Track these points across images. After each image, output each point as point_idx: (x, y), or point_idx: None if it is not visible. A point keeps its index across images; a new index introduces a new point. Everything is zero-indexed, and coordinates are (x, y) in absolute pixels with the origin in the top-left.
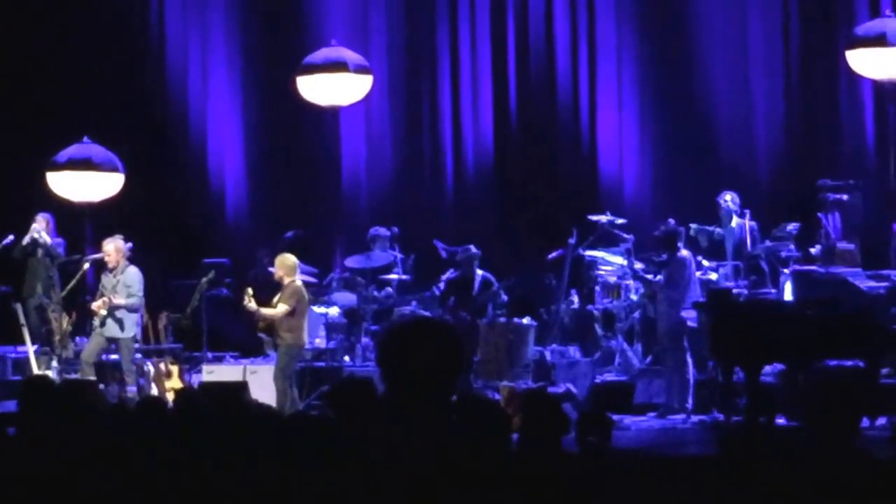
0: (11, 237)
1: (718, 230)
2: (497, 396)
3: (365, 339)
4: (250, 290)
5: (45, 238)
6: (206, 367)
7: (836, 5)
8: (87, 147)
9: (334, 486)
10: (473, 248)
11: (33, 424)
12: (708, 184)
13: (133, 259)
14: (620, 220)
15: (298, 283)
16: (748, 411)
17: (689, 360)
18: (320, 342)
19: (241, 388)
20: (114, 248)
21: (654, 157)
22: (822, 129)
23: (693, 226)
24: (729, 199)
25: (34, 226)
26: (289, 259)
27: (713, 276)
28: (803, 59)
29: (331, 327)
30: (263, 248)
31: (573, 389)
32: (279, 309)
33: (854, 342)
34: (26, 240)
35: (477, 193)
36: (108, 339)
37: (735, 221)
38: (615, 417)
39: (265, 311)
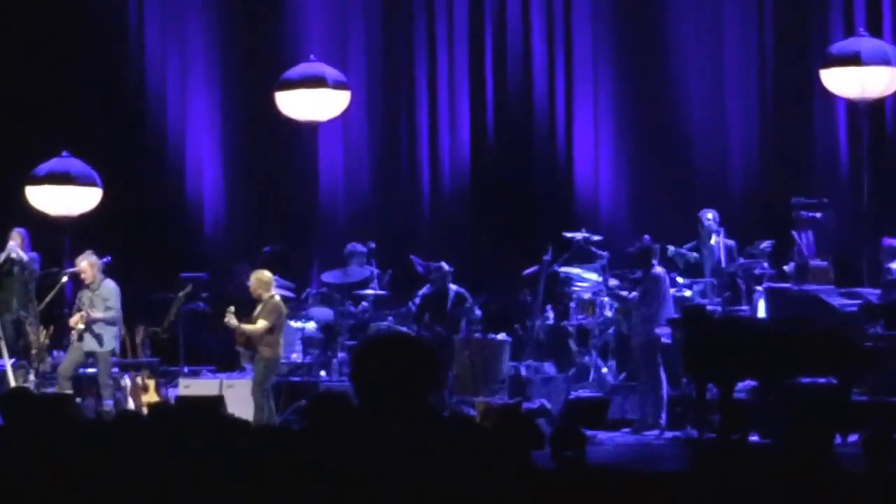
0: None
1: (695, 255)
2: (472, 412)
3: (341, 354)
4: (232, 308)
5: (21, 254)
6: (182, 381)
7: (810, 24)
8: (66, 161)
9: (310, 500)
10: (446, 266)
11: (16, 437)
12: (683, 201)
13: (110, 273)
14: (596, 237)
15: (277, 298)
16: (721, 428)
17: (663, 376)
18: (297, 357)
19: (217, 402)
20: (87, 263)
21: (630, 175)
22: (797, 148)
23: (670, 248)
24: (710, 216)
25: (10, 244)
26: (264, 275)
27: (687, 292)
28: (778, 76)
29: (307, 342)
30: (241, 263)
31: (548, 405)
32: (259, 325)
33: (827, 360)
34: (2, 258)
35: (453, 209)
36: (85, 353)
37: (714, 239)
38: (589, 433)
39: (246, 327)
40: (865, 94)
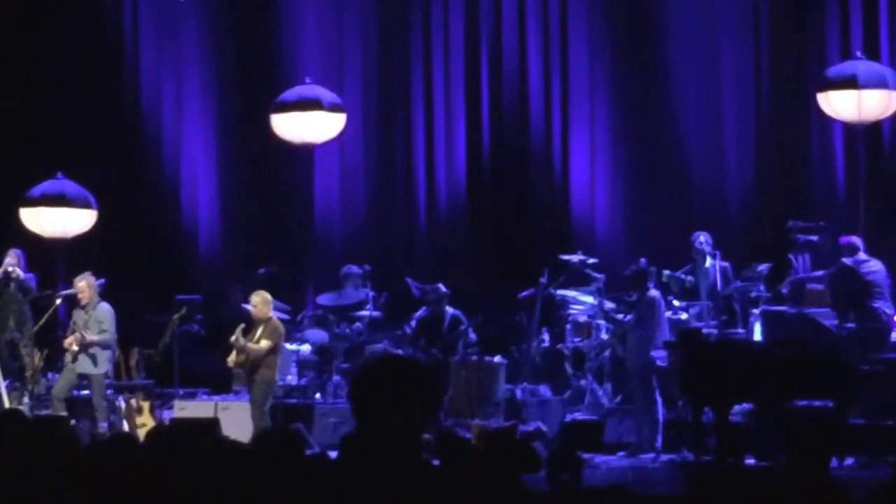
0: None
1: (690, 278)
2: (467, 435)
3: (336, 377)
4: (243, 325)
5: (19, 273)
6: (177, 404)
7: (807, 47)
8: (60, 183)
9: None
10: (443, 288)
11: (6, 460)
12: (679, 224)
13: (105, 295)
14: (592, 260)
15: (277, 319)
16: (717, 451)
17: (659, 399)
18: (291, 379)
19: (212, 424)
20: (85, 284)
21: (626, 197)
22: (793, 171)
23: (665, 272)
24: (703, 239)
25: (7, 260)
26: (267, 295)
27: (684, 315)
28: (775, 99)
29: (302, 364)
30: (236, 285)
31: (543, 428)
32: (263, 344)
33: (823, 382)
34: None
35: (449, 232)
36: (79, 376)
37: (708, 262)
38: (585, 456)
39: (252, 346)
40: (862, 117)
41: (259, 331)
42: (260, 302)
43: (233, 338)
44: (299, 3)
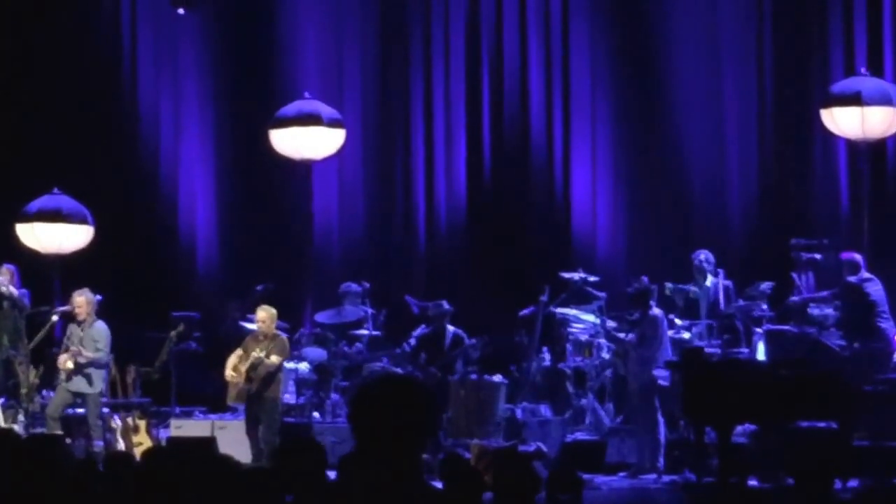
0: None
1: (695, 289)
2: (467, 454)
3: (335, 396)
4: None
5: (11, 290)
6: (174, 422)
7: (811, 63)
8: (56, 198)
9: None
10: (446, 304)
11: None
12: (681, 242)
13: (102, 312)
14: (593, 278)
15: (282, 335)
16: (720, 472)
17: (661, 419)
18: (289, 397)
19: (209, 443)
20: (84, 300)
21: (628, 215)
22: (796, 188)
23: (669, 285)
24: (703, 257)
25: (0, 279)
26: (273, 310)
27: (686, 334)
28: (778, 116)
29: (300, 383)
30: (233, 302)
31: (544, 448)
32: (275, 359)
33: (826, 403)
34: None
35: (449, 249)
36: (73, 394)
37: (710, 280)
38: (586, 477)
39: (268, 360)
40: (866, 133)
41: (269, 346)
42: (268, 318)
43: (255, 353)
44: (298, 18)
